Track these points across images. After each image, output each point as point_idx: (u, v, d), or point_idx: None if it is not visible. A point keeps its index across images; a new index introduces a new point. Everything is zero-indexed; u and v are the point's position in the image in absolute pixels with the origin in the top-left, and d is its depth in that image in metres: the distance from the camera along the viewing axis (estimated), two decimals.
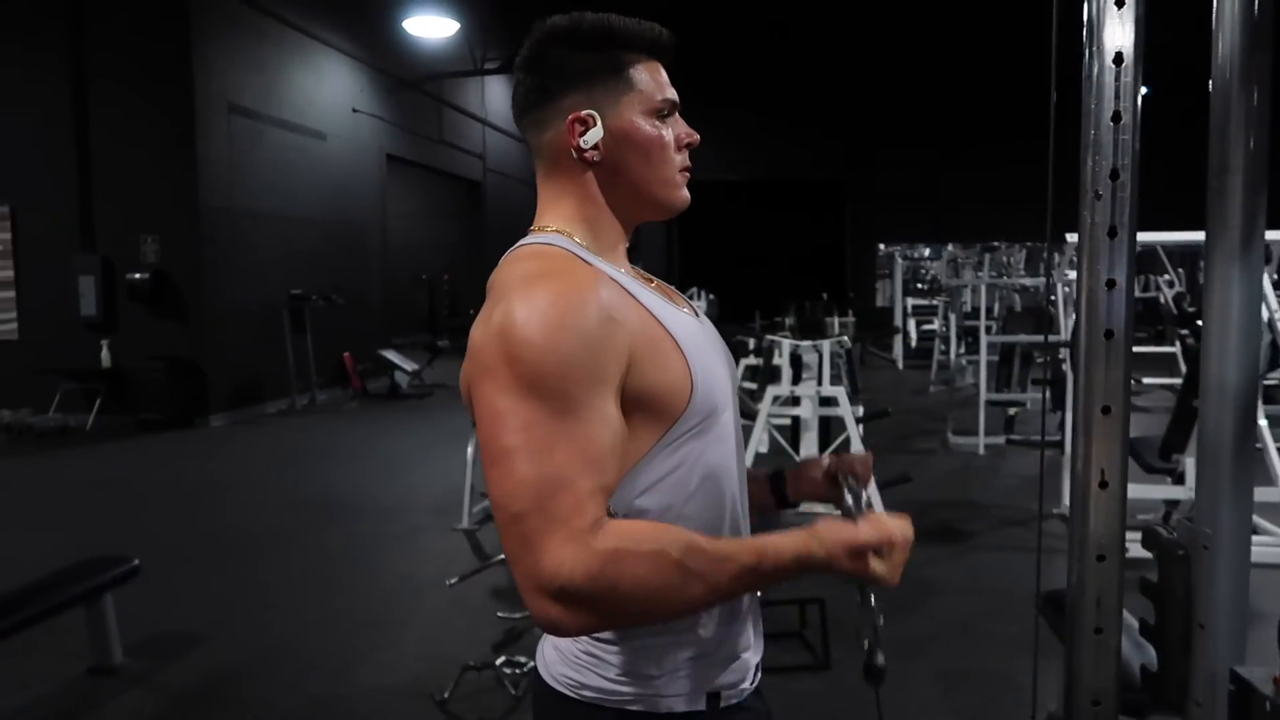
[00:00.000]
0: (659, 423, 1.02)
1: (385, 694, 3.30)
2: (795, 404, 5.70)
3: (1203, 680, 1.23)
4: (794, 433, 5.80)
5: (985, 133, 16.88)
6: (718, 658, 1.08)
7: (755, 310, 12.28)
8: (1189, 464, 4.29)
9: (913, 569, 4.08)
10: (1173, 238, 5.20)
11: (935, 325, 13.26)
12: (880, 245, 20.03)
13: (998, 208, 11.79)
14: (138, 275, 9.03)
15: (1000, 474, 6.71)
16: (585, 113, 1.08)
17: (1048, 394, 6.79)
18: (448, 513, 5.50)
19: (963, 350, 10.36)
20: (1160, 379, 9.47)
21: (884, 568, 0.98)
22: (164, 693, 3.37)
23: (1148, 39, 1.03)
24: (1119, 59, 0.99)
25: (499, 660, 3.28)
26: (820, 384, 5.56)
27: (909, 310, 15.38)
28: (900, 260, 16.61)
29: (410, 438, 8.50)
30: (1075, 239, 1.08)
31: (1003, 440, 7.20)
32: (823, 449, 5.51)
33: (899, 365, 13.89)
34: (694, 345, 1.05)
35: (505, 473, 0.94)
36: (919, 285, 18.70)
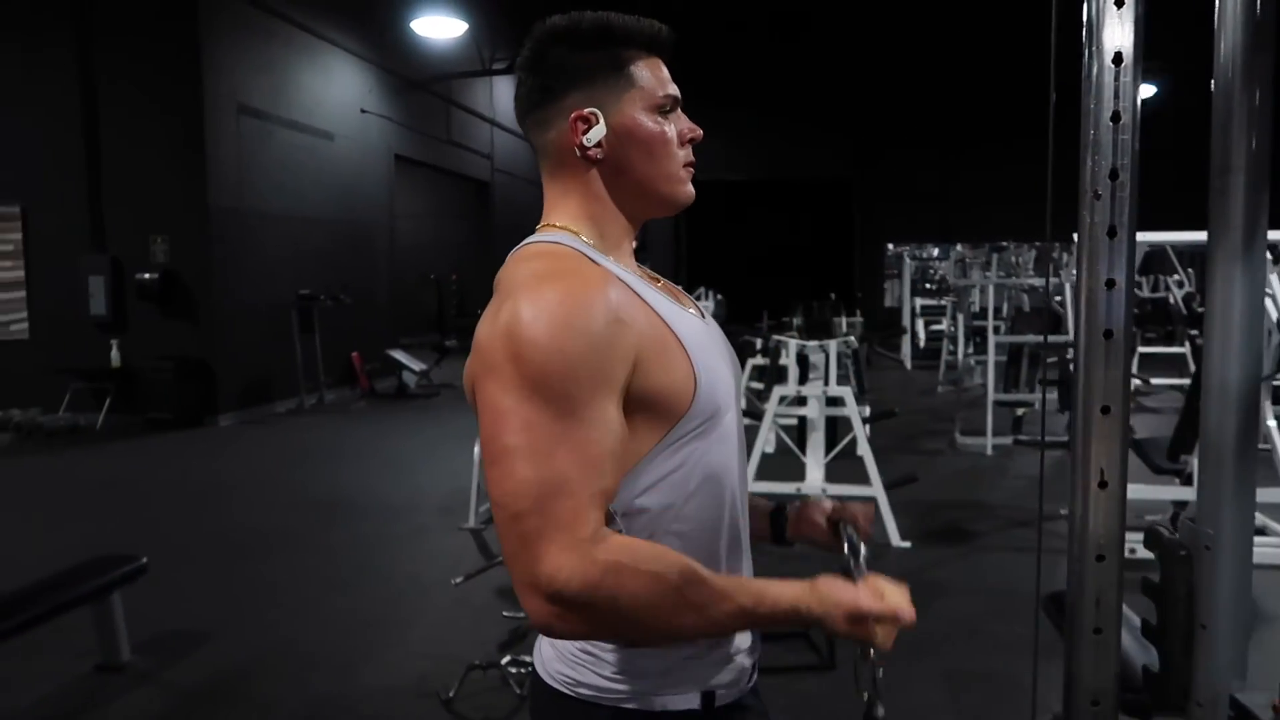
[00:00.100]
0: (662, 422, 1.02)
1: (391, 693, 3.31)
2: (802, 404, 5.70)
3: (1204, 681, 1.23)
4: (800, 433, 5.80)
5: (994, 132, 16.83)
6: (713, 657, 1.09)
7: (763, 310, 12.29)
8: (1197, 465, 4.26)
9: (920, 570, 4.09)
10: (1182, 238, 5.17)
11: (943, 325, 13.23)
12: (889, 245, 20.00)
13: (1007, 207, 11.79)
14: (147, 275, 9.08)
15: (1008, 474, 6.69)
16: (587, 111, 1.09)
17: (1045, 393, 6.78)
18: (454, 512, 5.51)
19: (971, 350, 10.33)
20: (1170, 379, 9.43)
21: (879, 636, 0.97)
22: (171, 690, 3.39)
23: (1148, 38, 1.03)
24: (1118, 59, 0.99)
25: (504, 660, 3.29)
26: (827, 384, 5.56)
27: (917, 310, 15.34)
28: (909, 260, 16.57)
29: (417, 437, 8.52)
30: None
31: (1010, 441, 7.18)
32: (829, 449, 5.51)
33: (907, 365, 13.86)
34: (699, 345, 1.05)
35: (506, 472, 0.95)
36: (928, 285, 18.65)
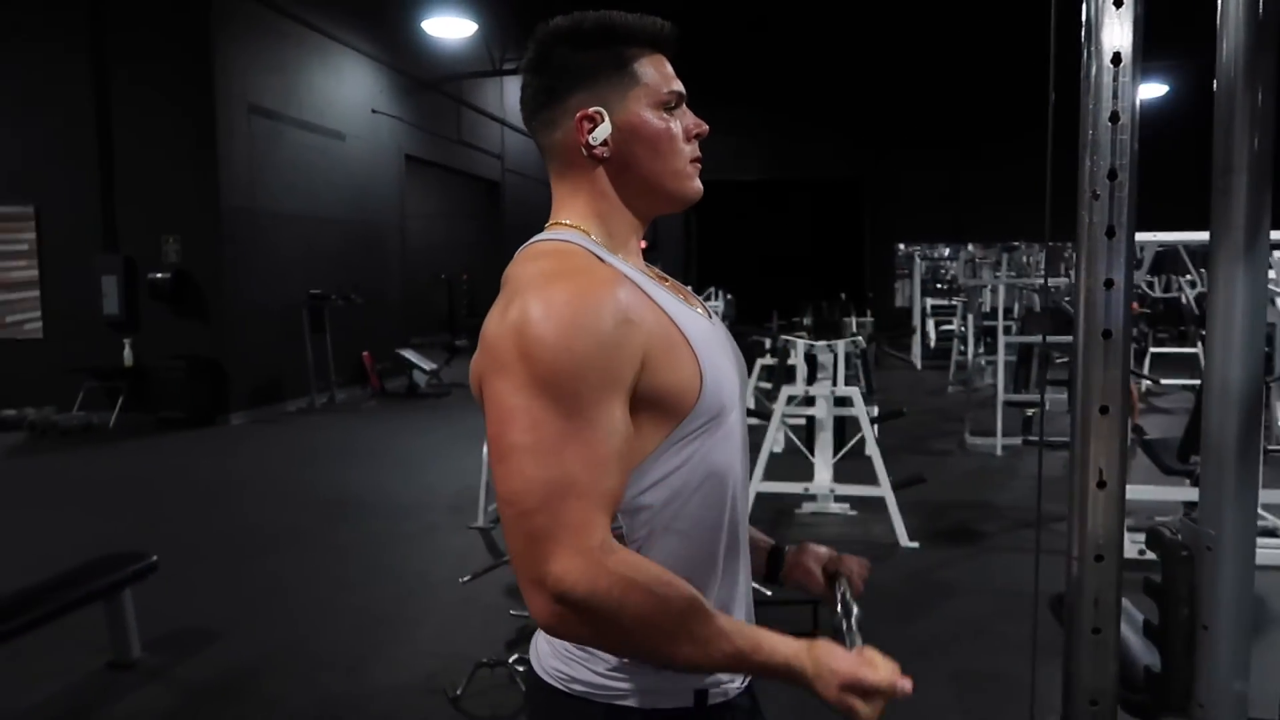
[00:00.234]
0: (667, 420, 1.02)
1: (399, 690, 3.33)
2: (810, 404, 5.70)
3: (1206, 682, 1.22)
4: (809, 433, 5.80)
5: (1005, 131, 16.76)
6: None
7: (773, 310, 12.29)
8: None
9: (927, 570, 4.08)
10: (1194, 237, 5.14)
11: (954, 325, 13.18)
12: (900, 245, 19.94)
13: (1018, 207, 11.74)
14: (159, 275, 9.13)
15: (1017, 475, 6.67)
16: (593, 110, 1.09)
17: (1044, 394, 6.74)
18: (463, 511, 5.53)
19: (981, 351, 10.30)
20: (1182, 379, 9.38)
21: (868, 710, 0.98)
22: (181, 687, 3.41)
23: (1152, 36, 1.03)
24: (1117, 59, 0.99)
25: (512, 658, 3.30)
26: (835, 384, 5.56)
27: (928, 310, 15.29)
28: (919, 260, 16.52)
29: (427, 436, 8.55)
30: None
31: (1020, 441, 7.16)
32: (837, 449, 5.50)
33: (917, 366, 13.83)
34: (705, 344, 1.06)
35: (513, 470, 0.95)
36: (938, 285, 18.59)
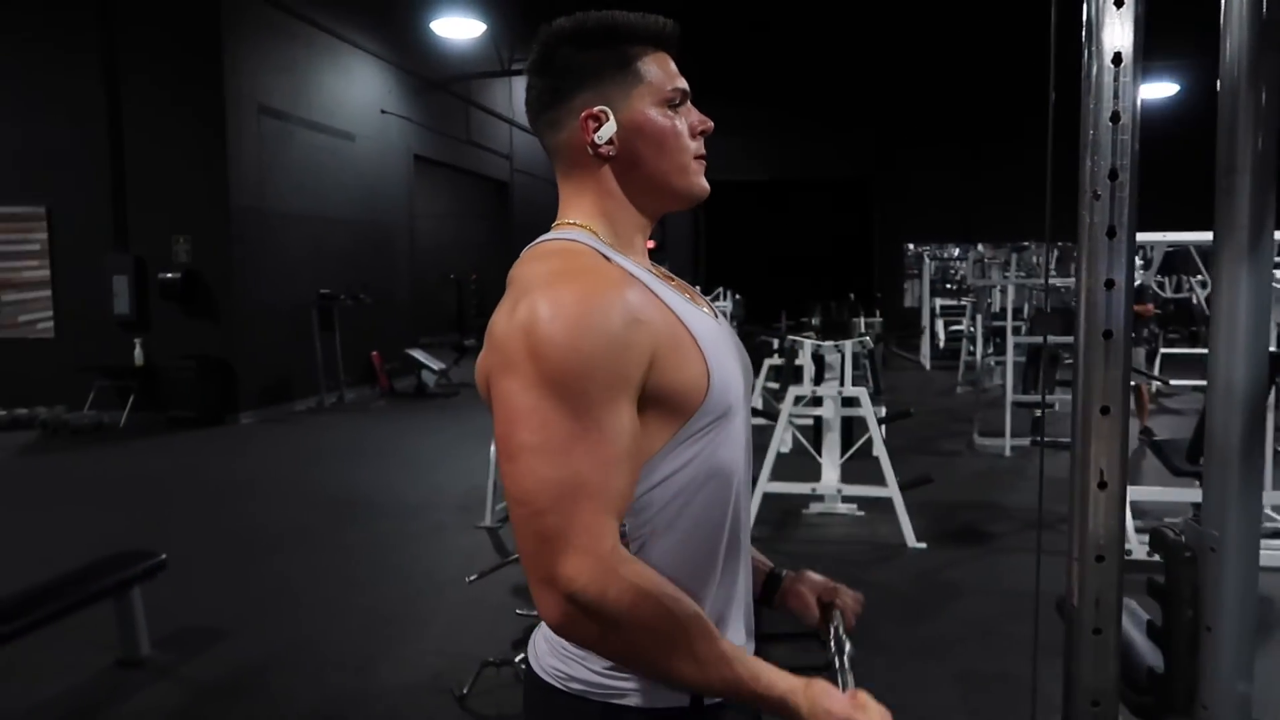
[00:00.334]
0: (674, 419, 1.02)
1: (405, 689, 3.34)
2: (817, 404, 5.69)
3: (1210, 684, 1.22)
4: (816, 433, 5.79)
5: (1015, 131, 16.71)
6: None
7: (782, 310, 12.27)
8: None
9: (935, 570, 4.07)
10: (1201, 238, 5.12)
11: (963, 326, 13.16)
12: (909, 245, 19.90)
13: (1028, 207, 11.70)
14: (170, 275, 9.19)
15: (1026, 476, 6.65)
16: (597, 109, 1.09)
17: (1044, 394, 6.71)
18: (471, 511, 5.54)
19: (990, 351, 10.28)
20: (1192, 380, 9.34)
21: None
22: (189, 685, 3.43)
23: (1159, 37, 1.03)
24: (1118, 59, 0.98)
25: (518, 657, 3.30)
26: (842, 384, 5.55)
27: (937, 310, 15.25)
28: (929, 260, 16.48)
29: (436, 436, 8.57)
30: None
31: (1029, 442, 7.14)
32: (845, 449, 5.49)
33: (926, 366, 13.80)
34: (712, 343, 1.06)
35: (524, 469, 0.95)
36: (948, 285, 18.55)
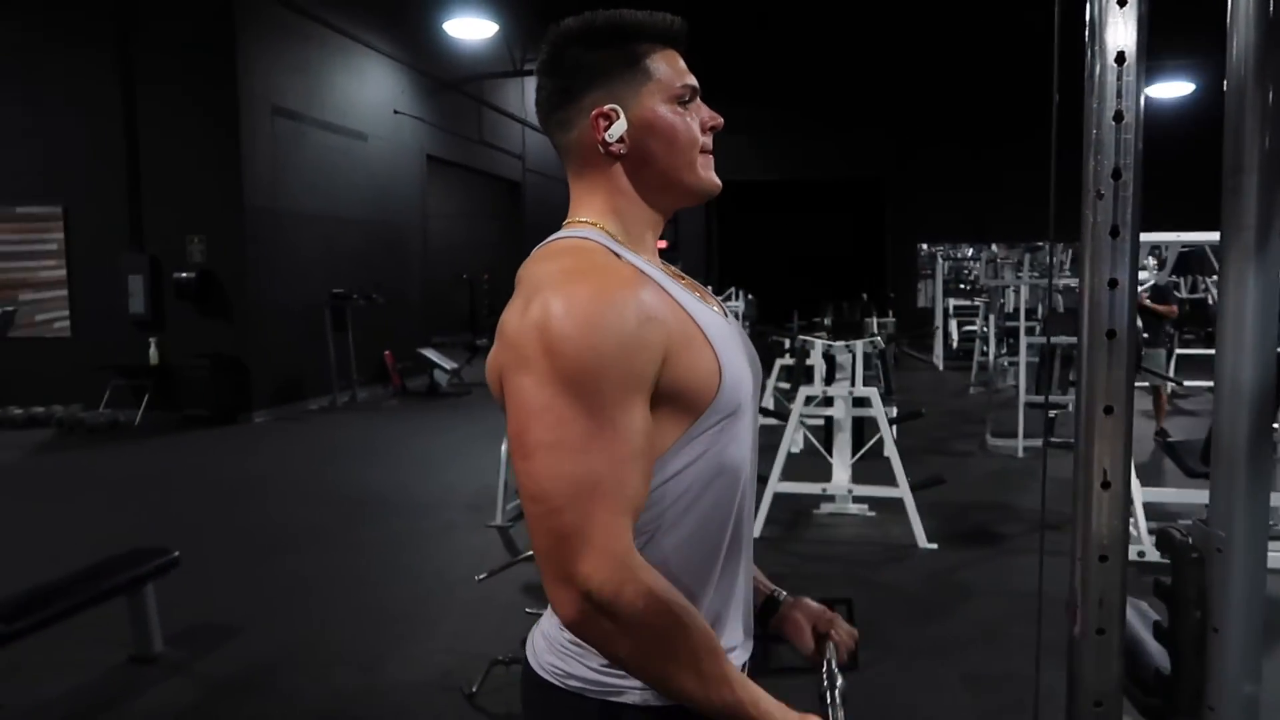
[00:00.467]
0: (685, 416, 1.03)
1: (415, 687, 3.35)
2: (829, 404, 5.68)
3: (1217, 685, 1.22)
4: (827, 433, 5.78)
5: (1029, 130, 16.65)
6: None
7: (794, 310, 12.25)
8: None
9: (946, 571, 4.05)
10: (1211, 237, 5.09)
11: (976, 326, 13.11)
12: (922, 245, 19.82)
13: (1042, 207, 11.61)
14: (184, 274, 9.25)
15: (1039, 477, 6.61)
16: (608, 107, 1.09)
17: (1048, 394, 6.68)
18: (482, 510, 5.56)
19: (1003, 351, 10.23)
20: (1208, 382, 9.24)
21: None
22: (202, 682, 3.45)
23: (1172, 36, 1.02)
24: (1121, 58, 0.98)
25: None
26: (853, 385, 5.54)
27: (951, 311, 15.19)
28: (942, 260, 16.41)
29: (448, 435, 8.60)
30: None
31: (1041, 442, 7.10)
32: (856, 450, 5.48)
33: (939, 366, 13.75)
34: (723, 341, 1.06)
35: (539, 467, 0.95)
36: (961, 286, 18.46)
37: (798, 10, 15.07)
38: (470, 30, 12.37)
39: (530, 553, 3.38)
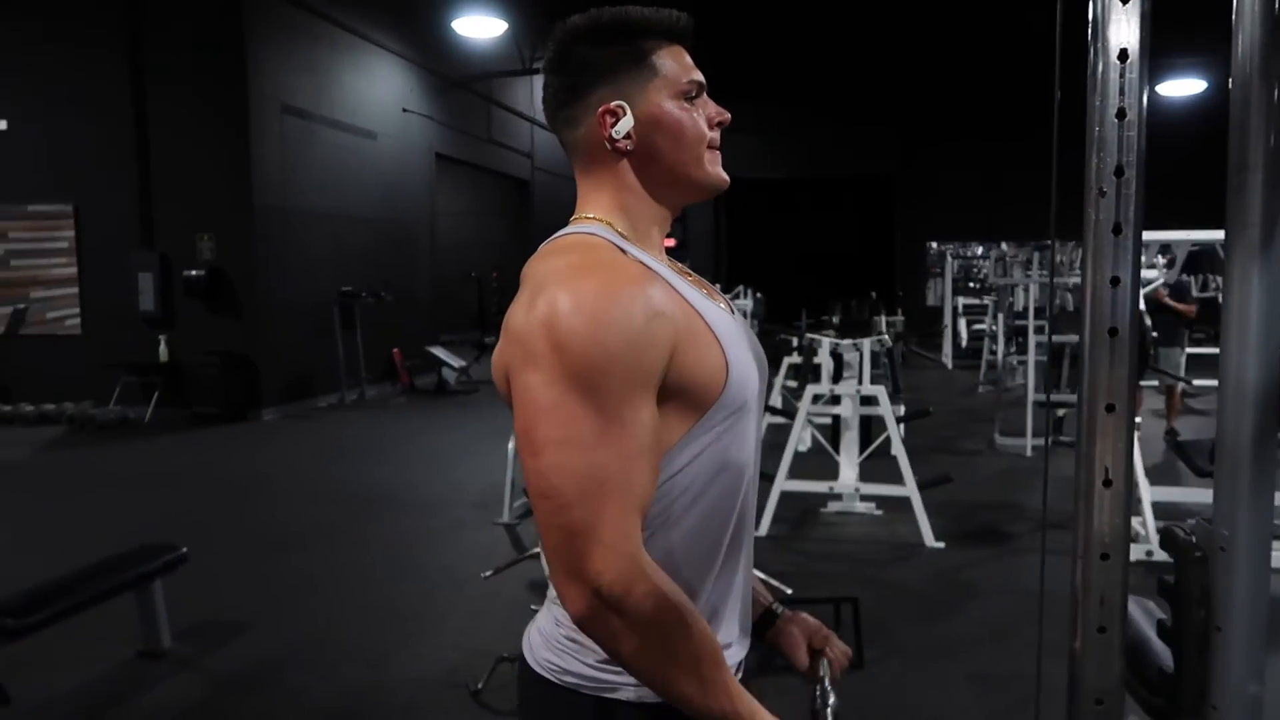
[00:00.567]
0: (692, 412, 1.03)
1: (421, 684, 3.36)
2: (836, 403, 5.68)
3: (1220, 685, 1.21)
4: (834, 432, 5.78)
5: (1038, 128, 16.58)
6: None
7: (802, 308, 12.24)
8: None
9: (953, 570, 4.04)
10: (1218, 235, 5.07)
11: (985, 325, 13.06)
12: (931, 243, 19.77)
13: (1056, 205, 11.61)
14: (194, 272, 9.30)
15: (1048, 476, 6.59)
16: (614, 104, 1.10)
17: (1049, 392, 6.65)
18: (489, 507, 5.57)
19: (1012, 350, 10.19)
20: (1216, 381, 9.20)
21: None
22: (210, 677, 3.47)
23: (1186, 34, 1.02)
24: (1124, 55, 0.98)
25: None
26: (860, 383, 5.53)
27: (960, 309, 15.15)
28: (951, 259, 16.37)
29: (456, 433, 8.61)
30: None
31: (1051, 442, 7.08)
32: (863, 448, 5.48)
33: (948, 365, 13.71)
34: (730, 338, 1.06)
35: (549, 464, 0.95)
36: (971, 284, 18.41)
37: (807, 6, 15.04)
38: (479, 29, 12.39)
39: (536, 550, 3.38)
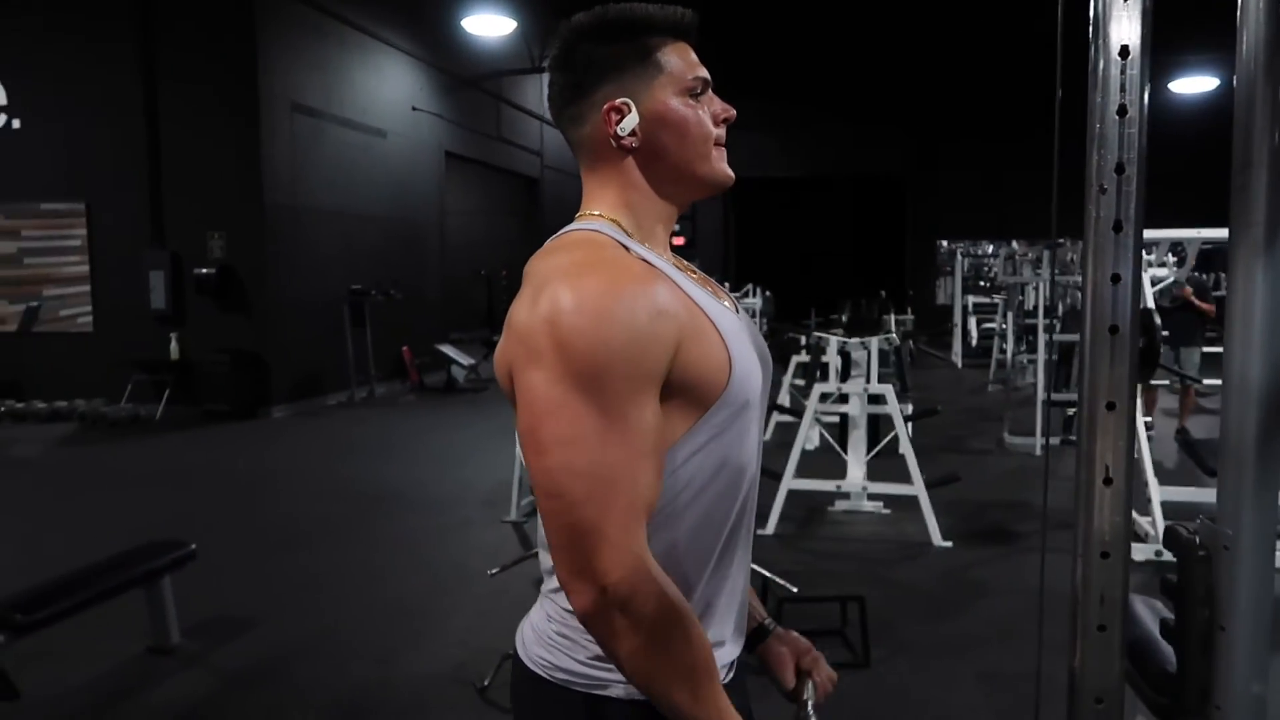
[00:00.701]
0: (695, 409, 1.03)
1: (428, 680, 3.37)
2: (844, 401, 5.67)
3: (1224, 684, 1.21)
4: (842, 430, 5.77)
5: (1049, 127, 16.50)
6: None
7: (811, 307, 12.22)
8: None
9: (961, 569, 4.03)
10: (1222, 234, 5.05)
11: (995, 323, 13.03)
12: (942, 242, 19.70)
13: (1063, 204, 11.55)
14: (205, 270, 9.34)
15: (1057, 475, 6.55)
16: (620, 101, 1.10)
17: (1050, 392, 6.60)
18: (498, 505, 5.59)
19: (1022, 349, 10.16)
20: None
21: None
22: (218, 673, 3.49)
23: (1199, 31, 1.02)
24: (1125, 52, 0.98)
25: None
26: (868, 382, 5.52)
27: (970, 308, 15.10)
28: (961, 257, 16.31)
29: (465, 431, 8.63)
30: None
31: (1060, 441, 7.05)
32: (871, 447, 5.47)
33: (958, 364, 13.67)
34: (734, 336, 1.06)
35: (555, 463, 0.95)
36: (981, 283, 18.34)
37: (819, 7, 15.01)
38: (488, 27, 12.40)
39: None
